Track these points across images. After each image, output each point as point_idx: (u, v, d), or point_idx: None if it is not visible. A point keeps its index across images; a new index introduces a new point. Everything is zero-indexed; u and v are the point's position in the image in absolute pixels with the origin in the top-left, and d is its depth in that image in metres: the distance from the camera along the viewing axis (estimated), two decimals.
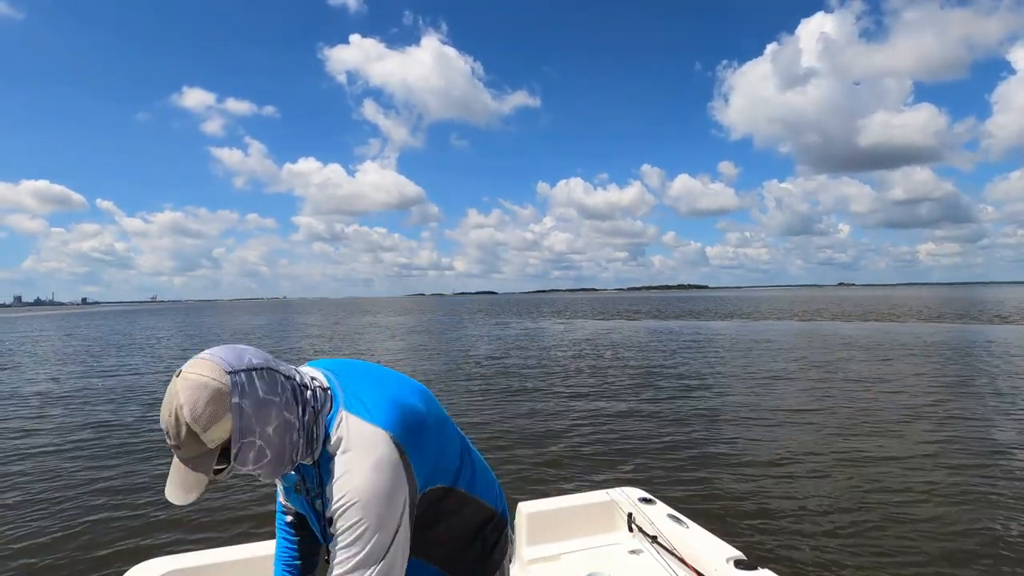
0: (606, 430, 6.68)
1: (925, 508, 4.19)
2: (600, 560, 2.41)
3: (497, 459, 5.54)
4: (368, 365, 1.14)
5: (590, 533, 2.62)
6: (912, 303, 48.65)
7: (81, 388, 10.64)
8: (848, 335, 18.84)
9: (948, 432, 6.19)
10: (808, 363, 11.96)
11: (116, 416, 7.91)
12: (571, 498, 2.73)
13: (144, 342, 22.46)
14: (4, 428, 7.32)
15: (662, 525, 2.41)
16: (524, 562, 2.46)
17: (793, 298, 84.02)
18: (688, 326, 25.39)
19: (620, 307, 57.09)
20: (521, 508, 2.61)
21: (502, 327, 28.04)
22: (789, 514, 4.14)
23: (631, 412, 7.65)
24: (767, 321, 28.03)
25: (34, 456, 5.83)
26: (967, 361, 11.81)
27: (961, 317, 27.34)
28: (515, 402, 8.49)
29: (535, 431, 6.68)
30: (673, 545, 2.28)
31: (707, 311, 41.47)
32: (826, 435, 6.24)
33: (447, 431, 1.13)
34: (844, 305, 47.62)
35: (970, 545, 3.59)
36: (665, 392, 9.04)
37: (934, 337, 17.36)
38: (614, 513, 2.65)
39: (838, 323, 25.43)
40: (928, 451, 5.56)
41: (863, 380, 9.63)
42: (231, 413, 0.85)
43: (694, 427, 6.74)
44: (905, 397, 8.16)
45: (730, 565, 2.08)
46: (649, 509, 2.55)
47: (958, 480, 4.72)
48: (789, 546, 3.63)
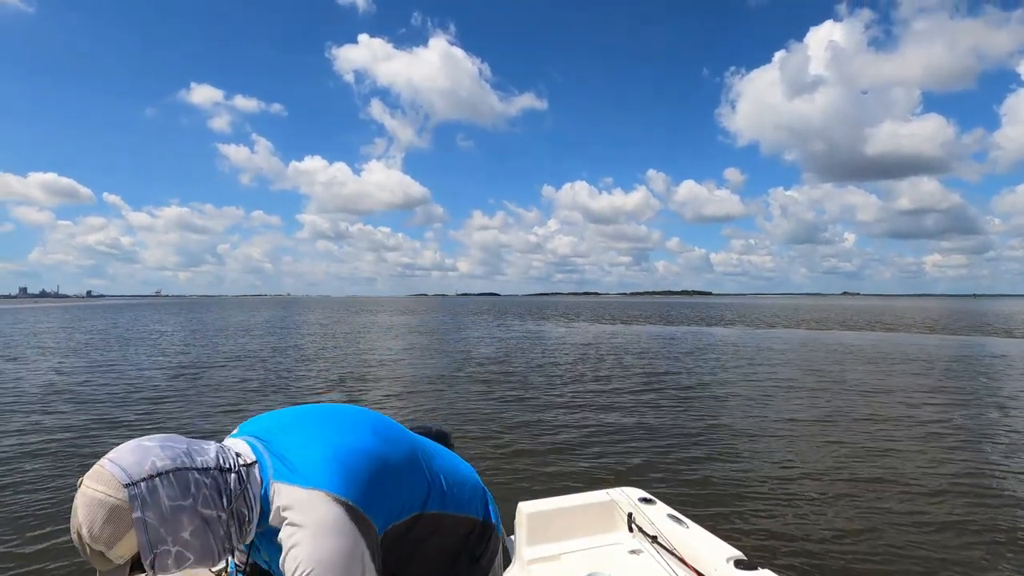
0: (606, 431, 6.68)
1: (925, 510, 4.18)
2: (600, 560, 2.41)
3: (497, 459, 5.55)
4: (305, 414, 1.06)
5: (590, 533, 2.62)
6: (917, 314, 48.49)
7: (80, 383, 10.67)
8: (851, 344, 18.78)
9: (948, 442, 6.17)
10: (809, 371, 11.92)
11: (114, 415, 7.93)
12: (571, 498, 2.73)
13: (147, 337, 22.53)
14: (3, 428, 7.35)
15: (662, 525, 2.41)
16: (524, 562, 2.46)
17: (796, 306, 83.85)
18: (690, 332, 25.35)
19: (622, 312, 57.08)
20: (521, 508, 2.61)
21: (504, 328, 28.04)
22: (789, 514, 4.15)
23: (631, 413, 7.65)
24: (770, 329, 27.96)
25: (34, 456, 5.79)
26: (970, 374, 11.74)
27: (967, 329, 27.19)
28: (515, 402, 8.49)
29: (536, 431, 6.68)
30: (673, 545, 2.28)
31: (710, 318, 41.40)
32: (825, 440, 6.22)
33: (413, 459, 1.07)
34: (848, 314, 47.51)
35: (970, 549, 3.58)
36: (666, 395, 9.03)
37: (938, 349, 17.29)
38: (614, 513, 2.65)
39: (841, 332, 25.34)
40: (928, 459, 5.53)
41: (864, 389, 9.59)
42: (135, 528, 0.79)
43: (694, 428, 6.74)
44: (906, 407, 8.12)
45: (730, 565, 2.08)
46: (649, 509, 2.55)
47: (958, 486, 4.71)
48: (789, 546, 3.64)
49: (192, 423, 7.15)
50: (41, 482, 4.87)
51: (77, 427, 6.83)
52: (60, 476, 4.99)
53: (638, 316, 45.15)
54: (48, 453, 5.76)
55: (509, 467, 5.30)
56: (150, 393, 9.25)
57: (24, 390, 9.57)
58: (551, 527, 2.59)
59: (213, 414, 7.63)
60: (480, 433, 6.56)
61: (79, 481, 0.82)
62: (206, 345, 18.43)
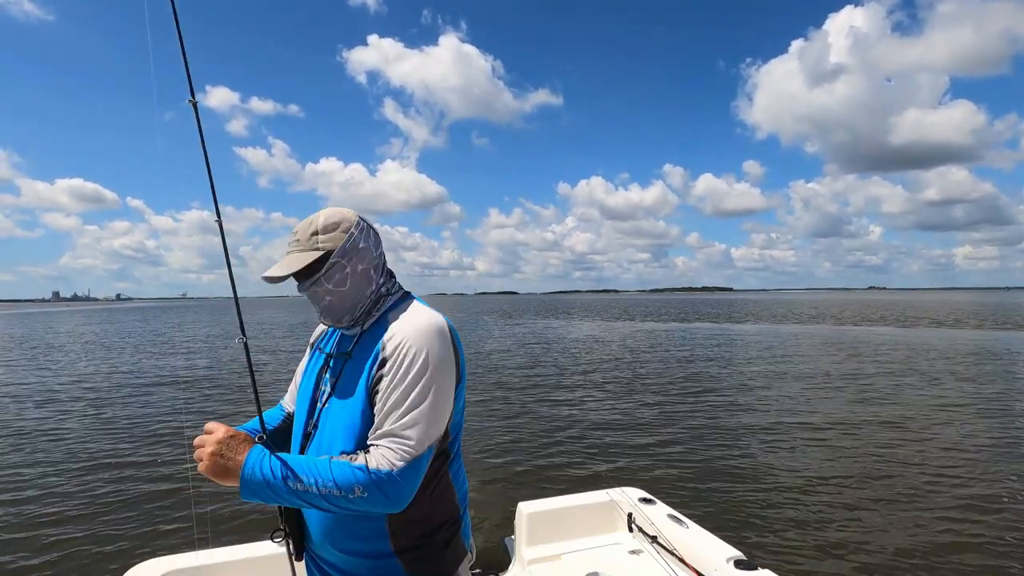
0: (607, 430, 6.65)
1: (928, 513, 4.09)
2: (600, 560, 2.41)
3: (498, 458, 5.56)
4: None
5: (590, 533, 2.63)
6: (942, 309, 47.27)
7: (97, 386, 10.97)
8: (869, 342, 18.40)
9: (963, 447, 5.97)
10: (818, 370, 11.69)
11: (120, 416, 8.14)
12: (571, 498, 2.74)
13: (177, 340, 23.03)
14: (13, 425, 7.59)
15: (662, 525, 2.40)
16: (524, 562, 2.48)
17: (818, 302, 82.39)
18: (705, 329, 25.10)
19: (640, 310, 56.71)
20: (521, 508, 2.63)
21: (519, 327, 28.09)
22: (789, 514, 4.10)
23: (632, 413, 7.61)
24: (789, 325, 27.54)
25: (35, 455, 5.96)
26: (1001, 371, 11.42)
27: (991, 324, 26.42)
28: (520, 401, 8.51)
29: (537, 430, 6.68)
30: (673, 545, 2.28)
31: (725, 315, 40.91)
32: (828, 440, 6.11)
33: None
34: (870, 310, 46.56)
35: (971, 552, 3.51)
36: (670, 395, 8.96)
37: (963, 345, 16.86)
38: (614, 513, 2.65)
39: (859, 328, 24.85)
40: (935, 459, 5.39)
41: (873, 389, 9.37)
42: (346, 235, 1.09)
43: (695, 429, 6.68)
44: (919, 409, 7.92)
45: (730, 565, 2.07)
46: (649, 509, 2.54)
47: (967, 494, 4.55)
48: (789, 546, 3.60)
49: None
50: (40, 489, 5.02)
51: (80, 429, 7.02)
52: (61, 476, 5.15)
53: (652, 314, 44.84)
54: (49, 453, 5.94)
55: (509, 467, 5.31)
56: (153, 399, 9.45)
57: (47, 393, 9.87)
58: (551, 527, 2.60)
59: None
60: (480, 432, 6.57)
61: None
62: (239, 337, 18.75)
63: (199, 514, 4.17)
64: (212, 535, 3.75)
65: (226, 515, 4.13)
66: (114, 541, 3.82)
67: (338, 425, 1.05)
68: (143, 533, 3.95)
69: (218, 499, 4.32)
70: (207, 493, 4.46)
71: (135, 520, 4.16)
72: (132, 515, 4.25)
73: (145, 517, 4.21)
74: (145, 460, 5.66)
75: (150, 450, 6.02)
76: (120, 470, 5.35)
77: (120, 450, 6.04)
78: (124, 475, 5.20)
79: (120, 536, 3.90)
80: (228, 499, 4.35)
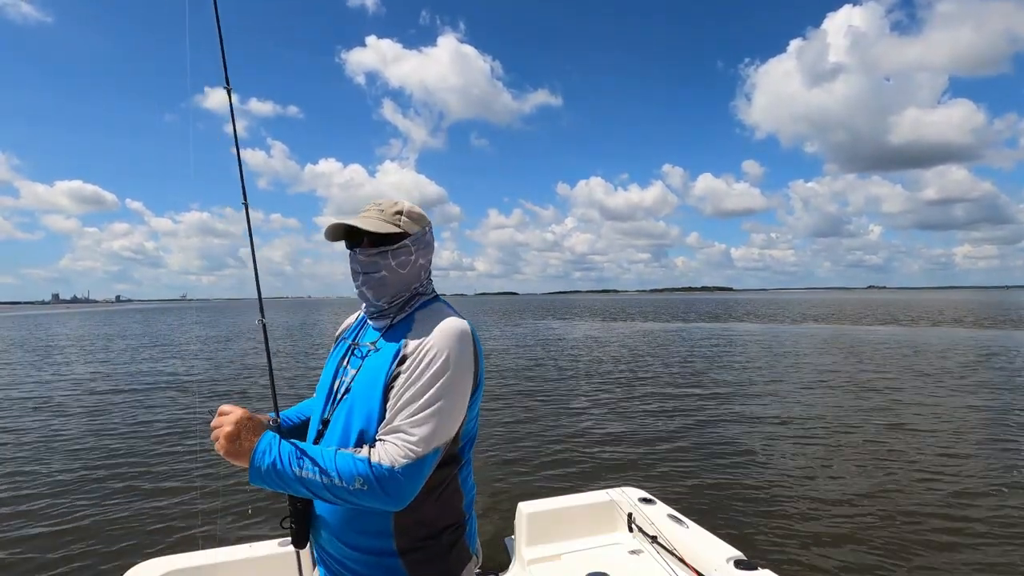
0: (607, 430, 6.65)
1: (928, 514, 4.09)
2: (600, 560, 2.41)
3: (498, 458, 5.56)
4: None
5: (590, 533, 2.63)
6: (941, 307, 47.26)
7: (100, 389, 10.97)
8: (870, 341, 18.40)
9: (962, 444, 5.98)
10: (818, 370, 11.69)
11: (122, 420, 8.14)
12: (571, 498, 2.74)
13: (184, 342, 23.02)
14: (13, 426, 7.59)
15: (662, 525, 2.40)
16: (524, 562, 2.48)
17: (819, 301, 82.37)
18: (705, 329, 25.09)
19: (639, 310, 56.70)
20: (521, 508, 2.63)
21: (519, 327, 28.08)
22: (789, 515, 4.10)
23: (633, 413, 7.61)
24: (789, 325, 27.53)
25: (35, 455, 5.97)
26: (1000, 370, 11.42)
27: (990, 323, 26.42)
28: (520, 401, 8.50)
29: (537, 430, 6.68)
30: (673, 545, 2.28)
31: (724, 315, 40.90)
32: (829, 440, 6.10)
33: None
34: (868, 309, 46.52)
35: (971, 551, 3.51)
36: (670, 395, 8.95)
37: (961, 344, 16.85)
38: (614, 513, 2.65)
39: (857, 328, 24.83)
40: (935, 459, 5.38)
41: (874, 388, 9.37)
42: (422, 228, 1.16)
43: (695, 428, 6.68)
44: (920, 408, 7.92)
45: (730, 565, 2.07)
46: (649, 509, 2.55)
47: (961, 488, 4.58)
48: (789, 546, 3.60)
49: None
50: (41, 490, 5.02)
51: (83, 431, 7.03)
52: (61, 476, 5.15)
53: (652, 314, 44.83)
54: (50, 453, 5.94)
55: (509, 467, 5.31)
56: (156, 401, 9.46)
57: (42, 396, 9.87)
58: (551, 527, 2.60)
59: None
60: (480, 432, 6.52)
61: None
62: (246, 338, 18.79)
63: (200, 514, 4.17)
64: (213, 535, 3.76)
65: (226, 515, 4.14)
66: (115, 541, 3.82)
67: (353, 417, 1.06)
68: (144, 532, 3.95)
69: (218, 499, 4.33)
70: (214, 491, 4.48)
71: (136, 520, 4.16)
72: (133, 515, 4.25)
73: (146, 517, 4.21)
74: (146, 460, 5.66)
75: (153, 450, 6.02)
76: (121, 470, 5.35)
77: (121, 450, 6.04)
78: (124, 475, 5.20)
79: (121, 535, 3.91)
80: (228, 499, 4.36)
